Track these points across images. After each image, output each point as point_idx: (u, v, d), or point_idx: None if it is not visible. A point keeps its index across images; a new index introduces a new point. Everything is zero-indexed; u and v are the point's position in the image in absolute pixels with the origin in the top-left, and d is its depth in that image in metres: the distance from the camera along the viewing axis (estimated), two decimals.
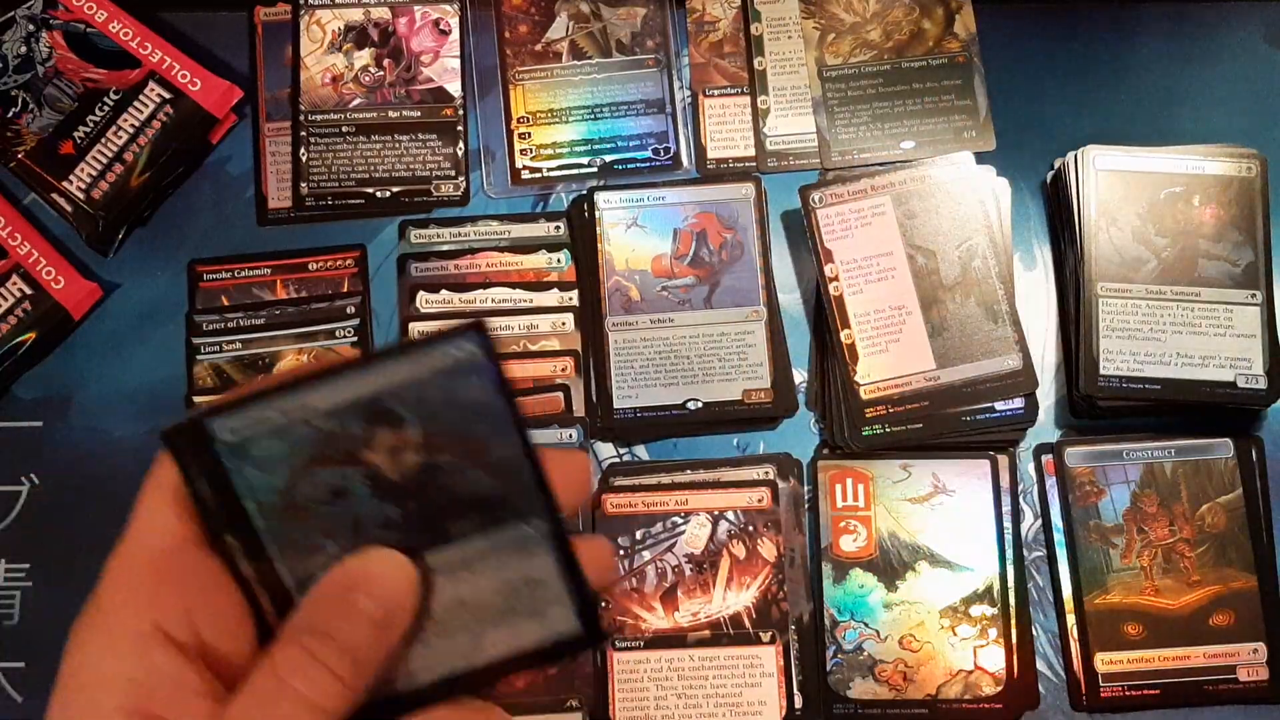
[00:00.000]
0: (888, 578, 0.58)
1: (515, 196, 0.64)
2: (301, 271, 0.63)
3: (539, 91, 0.66)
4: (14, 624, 0.59)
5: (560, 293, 0.62)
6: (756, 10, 0.66)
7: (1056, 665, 0.57)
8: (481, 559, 0.28)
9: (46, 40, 0.65)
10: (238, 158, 0.65)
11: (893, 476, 0.59)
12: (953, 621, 0.57)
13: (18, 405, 0.62)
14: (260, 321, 0.62)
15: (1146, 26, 0.66)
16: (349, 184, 0.64)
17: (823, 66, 0.65)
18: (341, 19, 0.66)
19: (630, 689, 0.56)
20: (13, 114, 0.64)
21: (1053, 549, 0.58)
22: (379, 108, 0.65)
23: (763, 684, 0.56)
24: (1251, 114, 0.65)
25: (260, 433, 0.27)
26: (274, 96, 0.66)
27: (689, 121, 0.65)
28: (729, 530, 0.58)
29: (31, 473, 0.61)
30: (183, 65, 0.64)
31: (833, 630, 0.57)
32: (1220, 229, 0.60)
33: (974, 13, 0.66)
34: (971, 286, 0.59)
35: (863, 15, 0.66)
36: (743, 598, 0.57)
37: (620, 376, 0.60)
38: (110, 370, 0.62)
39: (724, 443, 0.61)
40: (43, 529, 0.60)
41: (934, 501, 0.58)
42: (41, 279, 0.62)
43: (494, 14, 0.67)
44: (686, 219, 0.62)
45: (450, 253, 0.63)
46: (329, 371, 0.27)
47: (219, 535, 0.27)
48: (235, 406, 0.27)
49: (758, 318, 0.60)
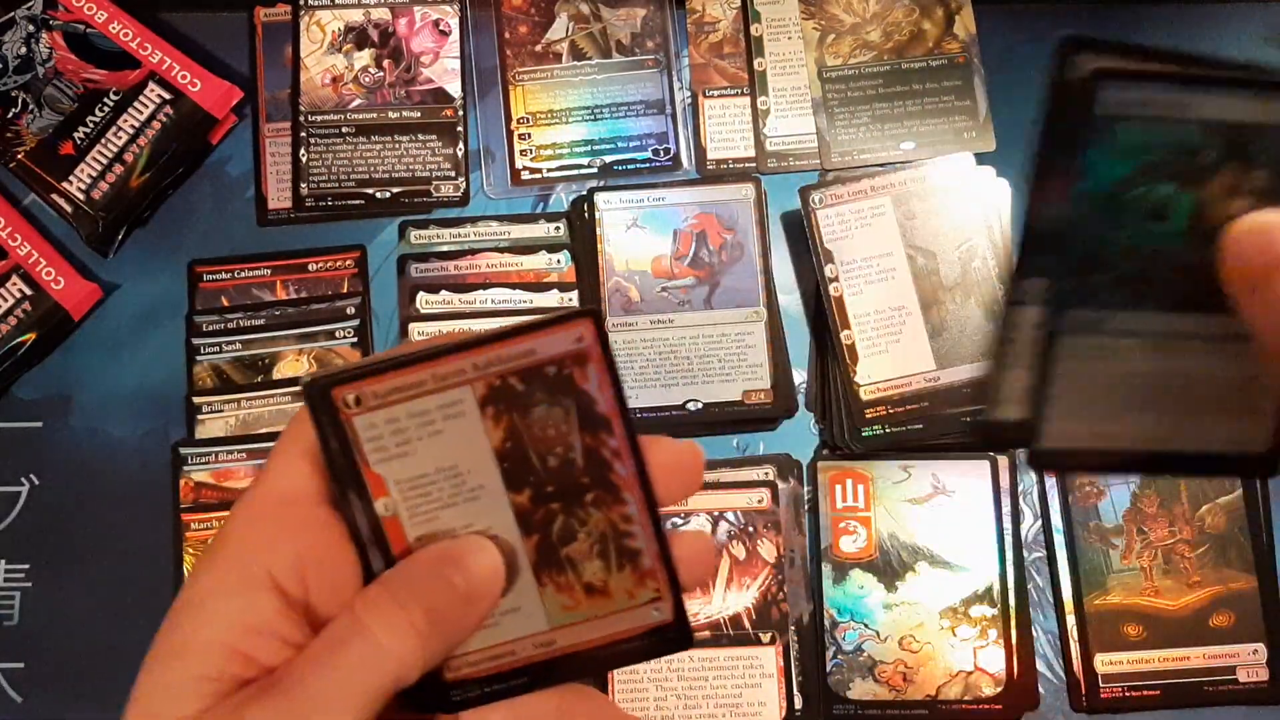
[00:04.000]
0: (888, 579, 0.58)
1: (515, 197, 0.64)
2: (301, 272, 0.63)
3: (539, 92, 0.66)
4: (14, 624, 0.59)
5: (560, 293, 0.62)
6: (756, 11, 0.66)
7: (1056, 666, 0.57)
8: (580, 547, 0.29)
9: (46, 41, 0.65)
10: (238, 158, 0.65)
11: (893, 477, 0.59)
12: (953, 622, 0.57)
13: (18, 405, 0.62)
14: (260, 322, 0.62)
15: (1146, 27, 0.66)
16: (349, 184, 0.64)
17: (823, 67, 0.65)
18: (341, 20, 0.66)
19: (630, 690, 0.56)
20: (13, 114, 0.64)
21: (1053, 550, 0.58)
22: (379, 108, 0.65)
23: (762, 685, 0.56)
24: None
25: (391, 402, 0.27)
26: (274, 97, 0.66)
27: (689, 122, 0.65)
28: (729, 531, 0.58)
29: (31, 473, 0.61)
30: (183, 66, 0.64)
31: (832, 631, 0.57)
32: None
33: (974, 13, 0.66)
34: (972, 287, 0.59)
35: (863, 16, 0.66)
36: (743, 598, 0.57)
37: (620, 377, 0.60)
38: (110, 370, 0.62)
39: (724, 443, 0.61)
40: (43, 529, 0.60)
41: (934, 502, 0.58)
42: (41, 279, 0.62)
43: (494, 15, 0.67)
44: (686, 220, 0.62)
45: (450, 253, 0.63)
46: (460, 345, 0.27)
47: (344, 494, 0.28)
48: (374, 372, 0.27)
49: (757, 318, 0.60)
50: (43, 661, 0.59)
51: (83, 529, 0.60)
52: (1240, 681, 0.56)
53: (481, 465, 0.28)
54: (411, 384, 0.27)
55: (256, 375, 0.61)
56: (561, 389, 0.28)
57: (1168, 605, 0.57)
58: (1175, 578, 0.57)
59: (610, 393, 0.28)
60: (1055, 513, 0.59)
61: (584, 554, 0.29)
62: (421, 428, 0.28)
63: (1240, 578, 0.57)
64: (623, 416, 0.29)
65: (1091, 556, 0.58)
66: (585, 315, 0.28)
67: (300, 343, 0.62)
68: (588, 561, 0.29)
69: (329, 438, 0.28)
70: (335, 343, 0.62)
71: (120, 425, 0.61)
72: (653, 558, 0.29)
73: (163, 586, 0.58)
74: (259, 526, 0.28)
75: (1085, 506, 0.58)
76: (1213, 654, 0.56)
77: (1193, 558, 0.57)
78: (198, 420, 0.61)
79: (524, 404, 0.28)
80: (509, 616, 0.29)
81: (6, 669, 0.59)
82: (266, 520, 0.28)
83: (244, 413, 0.61)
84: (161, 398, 0.61)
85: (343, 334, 0.62)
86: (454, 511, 0.28)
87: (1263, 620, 0.57)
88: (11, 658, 0.59)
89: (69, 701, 0.58)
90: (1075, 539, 0.58)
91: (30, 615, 0.59)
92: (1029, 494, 0.59)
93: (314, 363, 0.61)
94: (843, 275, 0.60)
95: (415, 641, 0.26)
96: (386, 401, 0.27)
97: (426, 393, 0.27)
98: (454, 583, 0.27)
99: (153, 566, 0.59)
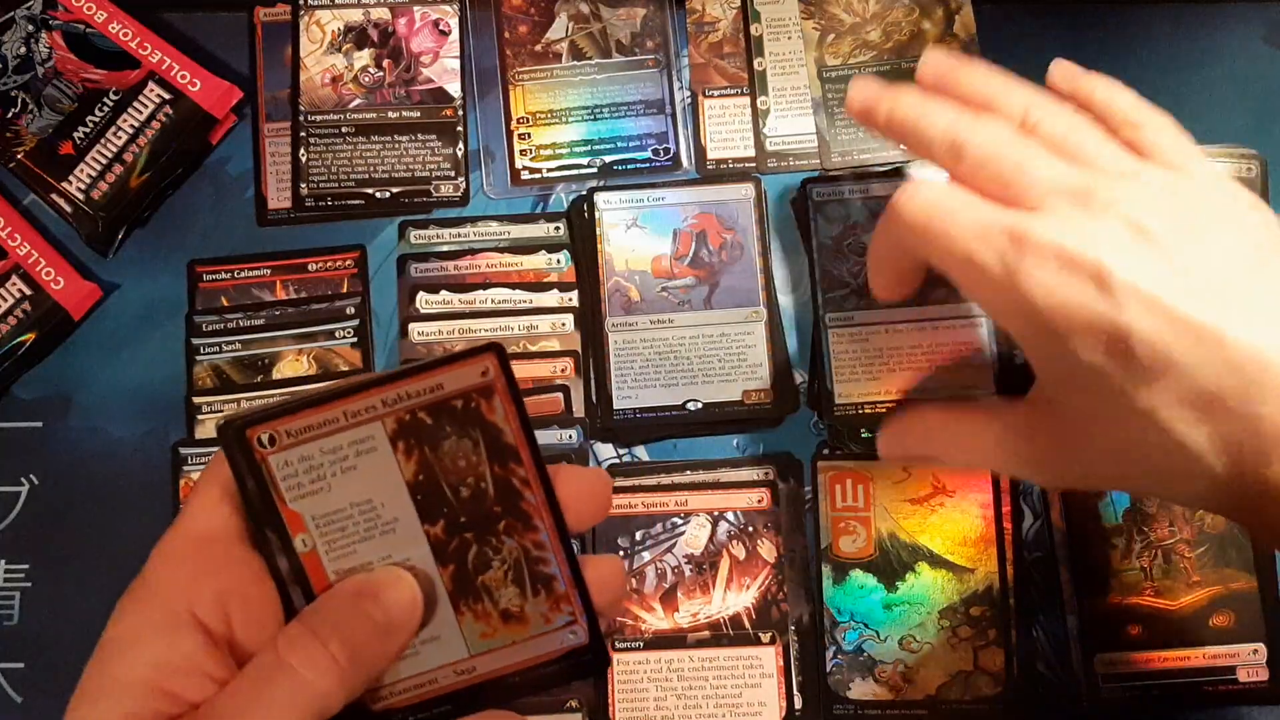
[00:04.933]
0: (888, 578, 0.58)
1: (515, 197, 0.64)
2: (301, 272, 0.63)
3: (539, 92, 0.66)
4: (13, 624, 0.59)
5: (560, 293, 0.62)
6: (756, 11, 0.66)
7: (1056, 666, 0.57)
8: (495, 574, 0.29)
9: (46, 41, 0.65)
10: (238, 158, 0.65)
11: (893, 477, 0.59)
12: (953, 622, 0.57)
13: (18, 405, 0.62)
14: (260, 322, 0.62)
15: (1146, 27, 0.66)
16: (349, 184, 0.64)
17: (823, 67, 0.65)
18: (341, 19, 0.66)
19: (630, 690, 0.56)
20: (12, 114, 0.64)
21: (1053, 550, 0.58)
22: (379, 108, 0.65)
23: (763, 685, 0.56)
24: (1251, 114, 0.65)
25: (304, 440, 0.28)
26: (274, 97, 0.66)
27: (689, 122, 0.65)
28: (729, 531, 0.58)
29: (31, 473, 0.61)
30: (182, 66, 0.64)
31: (832, 631, 0.57)
32: None
33: (974, 13, 0.66)
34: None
35: (863, 16, 0.66)
36: (742, 598, 0.57)
37: (620, 377, 0.60)
38: (110, 370, 0.62)
39: (724, 443, 0.61)
40: (43, 529, 0.60)
41: (934, 502, 0.58)
42: (41, 279, 0.62)
43: (494, 14, 0.67)
44: (686, 219, 0.62)
45: (450, 253, 0.63)
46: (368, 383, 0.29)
47: (262, 531, 0.29)
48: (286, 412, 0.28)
49: (757, 318, 0.60)
50: (43, 661, 0.59)
51: (83, 529, 0.60)
52: (1240, 681, 0.56)
53: (395, 498, 0.29)
54: (323, 422, 0.28)
55: (256, 375, 0.61)
56: (469, 421, 0.29)
57: (1168, 605, 0.57)
58: (1175, 578, 0.57)
59: (516, 423, 0.29)
60: (1055, 512, 0.59)
61: (499, 581, 0.29)
62: (335, 464, 0.28)
63: (1240, 578, 0.57)
64: (529, 446, 0.29)
65: (1091, 556, 0.58)
66: (488, 350, 0.29)
67: (300, 343, 0.62)
68: (503, 588, 0.30)
69: (245, 477, 0.28)
70: (335, 343, 0.62)
71: (120, 425, 0.62)
72: (566, 582, 0.30)
73: None
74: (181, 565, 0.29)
75: (1085, 506, 0.58)
76: (1213, 654, 0.56)
77: (1193, 558, 0.57)
78: (198, 420, 0.61)
79: (434, 437, 0.29)
80: (429, 645, 0.29)
81: (6, 669, 0.59)
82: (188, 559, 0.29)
83: None
84: (161, 398, 0.62)
85: (342, 334, 0.62)
86: (371, 545, 0.29)
87: (1263, 620, 0.57)
88: (11, 658, 0.59)
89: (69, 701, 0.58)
90: (1075, 539, 0.58)
91: (30, 615, 0.59)
92: (1029, 493, 0.59)
93: (314, 363, 0.62)
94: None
95: (336, 675, 0.27)
96: (300, 440, 0.28)
97: (339, 429, 0.28)
98: (372, 616, 0.28)
99: None
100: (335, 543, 0.29)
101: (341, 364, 0.61)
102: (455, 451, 0.29)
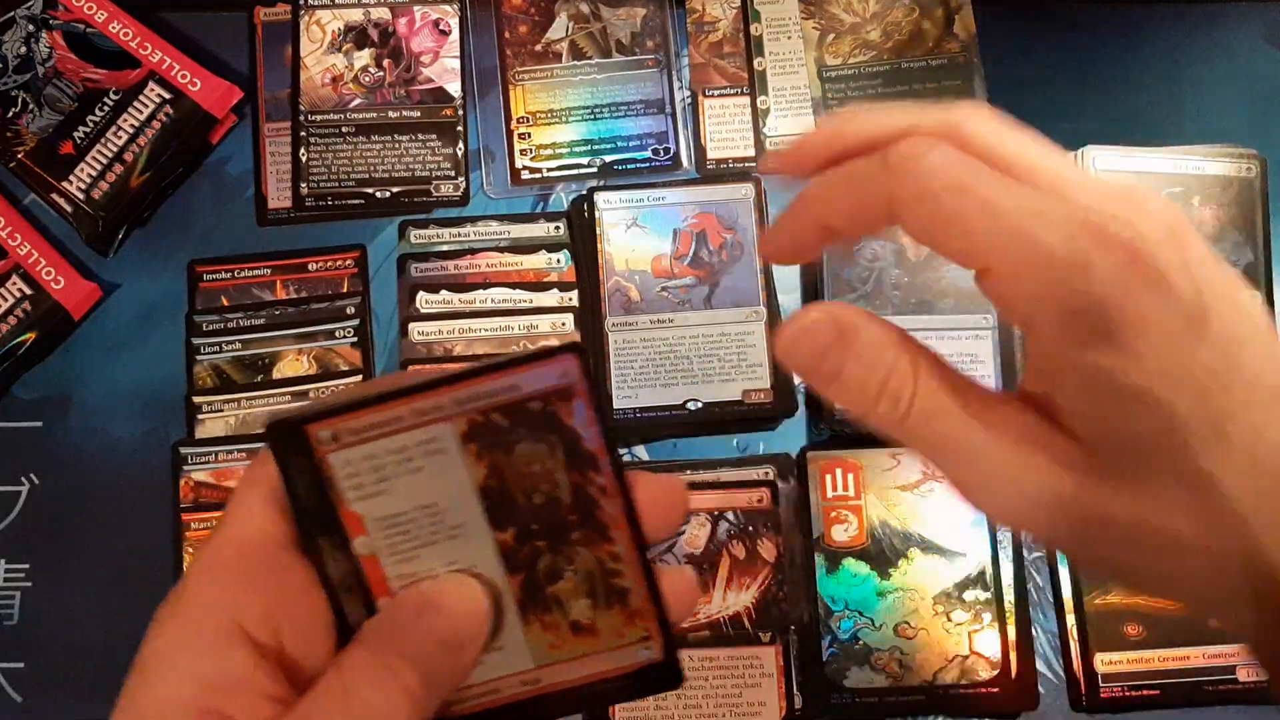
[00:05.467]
0: (881, 566, 0.58)
1: (515, 197, 0.64)
2: (301, 272, 0.63)
3: (539, 92, 0.66)
4: (14, 624, 0.59)
5: (560, 293, 0.62)
6: (756, 10, 0.66)
7: (1056, 665, 0.57)
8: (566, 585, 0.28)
9: (46, 40, 0.65)
10: (238, 158, 0.65)
11: (882, 465, 0.59)
12: (947, 607, 0.57)
13: (18, 405, 0.62)
14: (260, 322, 0.62)
15: (1146, 27, 0.66)
16: (349, 184, 0.64)
17: (822, 67, 0.65)
18: (341, 19, 0.66)
19: None
20: (13, 114, 0.64)
21: (1053, 549, 0.58)
22: (379, 108, 0.65)
23: (762, 684, 0.56)
24: (1251, 114, 0.65)
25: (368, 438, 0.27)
26: (274, 97, 0.66)
27: (689, 122, 0.65)
28: (728, 530, 0.58)
29: (31, 473, 0.61)
30: (183, 65, 0.64)
31: (828, 620, 0.57)
32: (1220, 229, 0.60)
33: (974, 13, 0.66)
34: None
35: (862, 15, 0.66)
36: (742, 598, 0.57)
37: (620, 377, 0.60)
38: (110, 370, 0.62)
39: (724, 443, 0.61)
40: (43, 529, 0.60)
41: (924, 488, 0.58)
42: (41, 279, 0.62)
43: (494, 14, 0.67)
44: (686, 219, 0.62)
45: (450, 253, 0.63)
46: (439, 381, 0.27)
47: (316, 536, 0.27)
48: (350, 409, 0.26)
49: (757, 318, 0.60)
50: (43, 661, 0.59)
51: (83, 529, 0.60)
52: (1240, 681, 0.56)
53: (463, 502, 0.27)
54: (389, 420, 0.26)
55: (256, 375, 0.61)
56: (546, 425, 0.27)
57: (1168, 605, 0.57)
58: None
59: (597, 429, 0.27)
60: None
61: (570, 592, 0.28)
62: (400, 464, 0.27)
63: None
64: (610, 453, 0.28)
65: None
66: (570, 350, 0.27)
67: (300, 342, 0.62)
68: (574, 600, 0.28)
69: (297, 479, 0.27)
70: (335, 342, 0.62)
71: (120, 425, 0.61)
72: (641, 597, 0.28)
73: (163, 586, 0.57)
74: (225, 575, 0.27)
75: None
76: (1213, 653, 0.56)
77: None
78: (198, 420, 0.61)
79: (508, 440, 0.27)
80: (493, 655, 0.28)
81: (6, 669, 0.59)
82: (232, 568, 0.27)
83: (244, 412, 0.61)
84: (161, 397, 0.61)
85: (343, 334, 0.62)
86: (435, 550, 0.27)
87: None
88: (11, 658, 0.59)
89: (69, 701, 0.58)
90: None
91: (30, 615, 0.59)
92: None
93: (314, 362, 0.62)
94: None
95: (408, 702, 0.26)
96: (364, 438, 0.26)
97: (405, 429, 0.27)
98: (435, 629, 0.26)
99: (152, 566, 0.59)
100: (397, 547, 0.27)
101: (341, 363, 0.61)
102: (530, 456, 0.27)
